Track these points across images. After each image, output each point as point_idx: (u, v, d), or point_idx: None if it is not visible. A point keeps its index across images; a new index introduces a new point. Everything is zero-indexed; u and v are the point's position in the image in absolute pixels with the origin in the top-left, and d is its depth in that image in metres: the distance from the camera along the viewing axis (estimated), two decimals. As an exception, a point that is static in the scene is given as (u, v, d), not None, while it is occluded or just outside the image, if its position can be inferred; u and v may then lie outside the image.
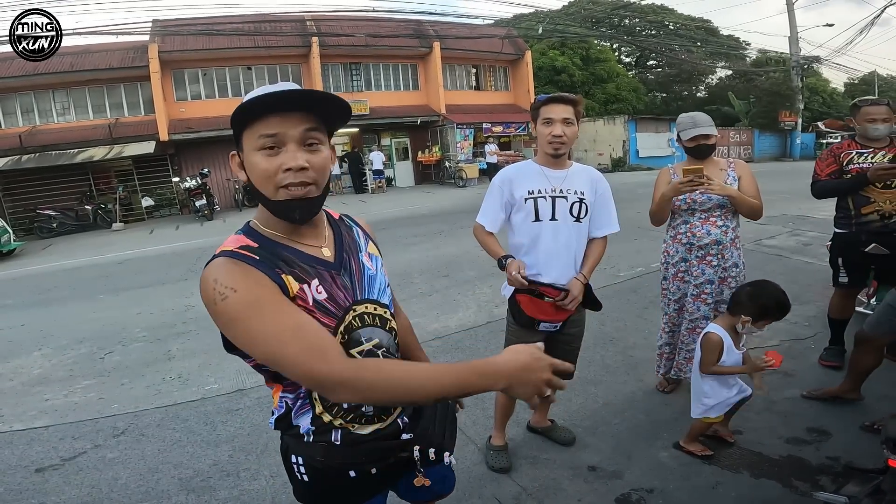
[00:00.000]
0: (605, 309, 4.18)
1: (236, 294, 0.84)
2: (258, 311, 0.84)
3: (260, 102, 0.86)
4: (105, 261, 8.73)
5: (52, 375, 3.83)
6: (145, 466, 2.53)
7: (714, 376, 2.15)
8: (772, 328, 3.56)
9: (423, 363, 1.03)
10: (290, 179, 0.89)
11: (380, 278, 1.09)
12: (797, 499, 1.94)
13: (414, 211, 11.39)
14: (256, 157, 0.90)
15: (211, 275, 0.87)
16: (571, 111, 1.93)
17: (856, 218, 2.80)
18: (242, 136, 0.92)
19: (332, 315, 0.96)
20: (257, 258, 0.90)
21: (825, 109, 27.36)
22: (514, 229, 2.07)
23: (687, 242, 2.55)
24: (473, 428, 2.63)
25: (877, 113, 2.65)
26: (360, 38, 16.66)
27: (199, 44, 15.49)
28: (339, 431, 1.01)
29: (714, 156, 2.55)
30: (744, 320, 2.07)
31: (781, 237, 6.61)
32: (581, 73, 24.94)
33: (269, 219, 0.97)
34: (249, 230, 0.98)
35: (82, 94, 15.31)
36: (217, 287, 0.85)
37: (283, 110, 0.88)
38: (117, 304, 5.77)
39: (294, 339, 0.83)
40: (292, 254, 0.95)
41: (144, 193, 15.14)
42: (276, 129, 0.88)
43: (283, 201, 0.91)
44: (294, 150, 0.89)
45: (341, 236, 1.06)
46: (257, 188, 0.92)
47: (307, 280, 0.94)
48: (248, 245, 0.93)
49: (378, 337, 1.03)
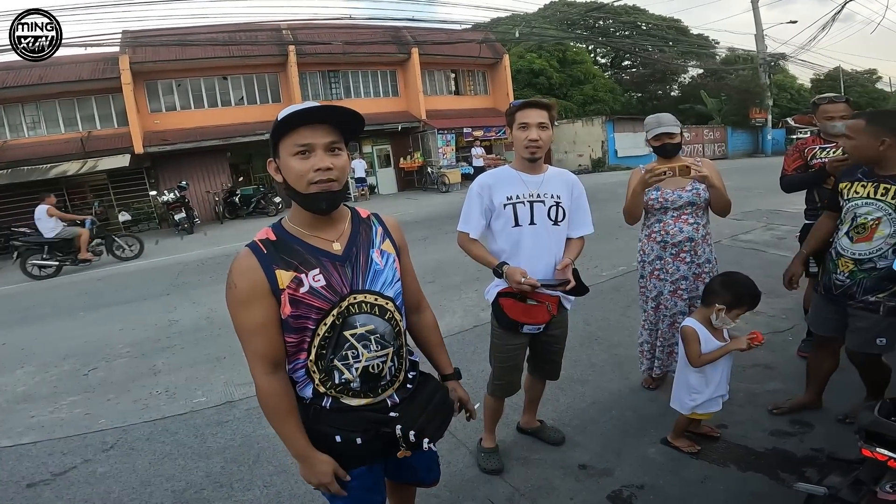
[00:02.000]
0: (590, 308, 4.30)
1: (235, 290, 1.13)
2: (239, 311, 1.14)
3: (292, 118, 1.10)
4: (84, 277, 8.54)
5: (37, 392, 3.80)
6: (137, 480, 2.52)
7: (701, 371, 2.19)
8: (750, 321, 3.68)
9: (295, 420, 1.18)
10: (319, 177, 1.12)
11: (388, 273, 1.25)
12: (784, 491, 1.99)
13: (397, 218, 11.28)
14: (292, 161, 1.12)
15: (233, 265, 1.15)
16: (546, 115, 1.97)
17: (822, 210, 2.88)
18: (279, 145, 1.14)
19: (326, 300, 1.15)
20: (265, 252, 1.14)
21: (793, 105, 28.17)
22: (495, 236, 2.09)
23: (661, 240, 2.63)
24: (464, 431, 2.66)
25: (834, 111, 2.74)
26: (338, 45, 16.63)
27: (173, 54, 15.26)
28: (329, 398, 1.21)
29: (683, 154, 2.61)
30: (718, 308, 2.13)
31: (756, 232, 6.79)
32: (559, 76, 25.26)
33: (298, 215, 1.20)
34: (278, 225, 1.21)
35: (52, 107, 14.96)
36: (229, 279, 1.14)
37: (311, 123, 1.11)
38: (99, 320, 5.67)
39: (251, 340, 1.15)
40: (302, 247, 1.17)
41: (121, 208, 14.79)
42: (308, 140, 1.11)
43: (313, 194, 1.13)
44: (322, 155, 1.12)
45: (358, 233, 1.24)
46: (292, 185, 1.14)
47: (306, 270, 1.15)
48: (267, 238, 1.17)
49: (374, 324, 1.21)
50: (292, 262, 1.14)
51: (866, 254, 2.08)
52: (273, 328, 1.14)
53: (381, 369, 1.21)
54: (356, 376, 1.19)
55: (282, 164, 1.15)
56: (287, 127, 1.11)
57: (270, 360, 1.15)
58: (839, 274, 2.18)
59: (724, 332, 2.22)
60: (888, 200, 2.02)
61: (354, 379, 1.19)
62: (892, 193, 2.02)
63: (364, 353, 1.18)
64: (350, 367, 1.18)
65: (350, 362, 1.18)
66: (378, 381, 1.22)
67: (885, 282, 2.05)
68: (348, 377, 1.19)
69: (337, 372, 1.18)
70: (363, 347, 1.18)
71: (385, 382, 1.24)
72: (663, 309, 2.70)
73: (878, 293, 2.07)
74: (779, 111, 26.35)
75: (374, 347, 1.20)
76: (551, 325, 2.13)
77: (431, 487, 1.51)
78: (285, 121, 1.10)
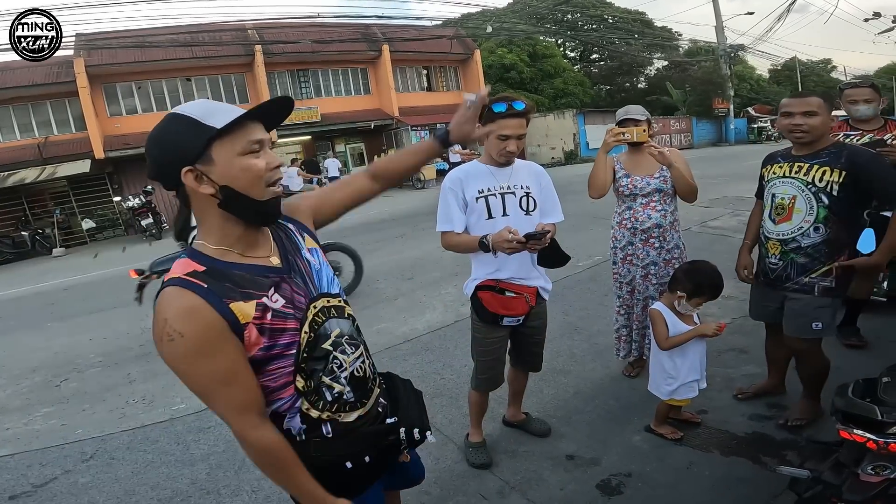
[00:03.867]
0: (568, 298, 4.35)
1: (183, 340, 0.89)
2: (196, 364, 0.92)
3: (249, 114, 0.96)
4: (49, 288, 8.23)
5: (9, 405, 3.70)
6: (121, 489, 2.49)
7: (671, 356, 2.25)
8: (723, 306, 3.79)
9: (303, 467, 1.02)
10: (276, 176, 0.99)
11: (326, 270, 1.14)
12: (768, 474, 2.05)
13: (374, 216, 11.28)
14: (245, 161, 0.95)
15: (162, 312, 0.91)
16: (525, 123, 1.97)
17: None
18: (212, 147, 0.93)
19: (293, 318, 1.01)
20: (205, 286, 0.92)
21: (753, 95, 29.10)
22: (470, 230, 2.08)
23: (631, 227, 2.72)
24: (451, 426, 2.67)
25: (857, 94, 2.72)
26: (306, 44, 16.35)
27: (131, 56, 14.78)
28: (328, 424, 1.07)
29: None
30: (679, 296, 2.20)
31: (724, 218, 7.00)
32: (529, 70, 25.41)
33: (222, 235, 0.99)
34: (195, 253, 0.99)
35: (6, 112, 14.32)
36: (167, 328, 0.89)
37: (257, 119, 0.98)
38: (67, 331, 5.49)
39: (223, 394, 0.95)
40: (243, 270, 0.99)
41: (84, 215, 14.28)
42: (261, 136, 0.97)
43: (269, 200, 0.99)
44: (270, 153, 0.99)
45: (281, 240, 1.10)
46: (243, 192, 0.95)
47: (263, 293, 0.98)
48: (195, 270, 0.94)
49: (340, 327, 1.10)
50: (246, 290, 0.96)
51: (789, 233, 2.14)
52: (246, 371, 0.96)
53: (363, 371, 1.14)
54: (346, 385, 1.09)
55: (222, 169, 0.94)
56: (237, 122, 0.94)
57: (256, 410, 0.98)
58: (771, 258, 2.24)
59: (693, 317, 2.29)
60: (800, 177, 2.10)
61: (346, 389, 1.09)
62: (804, 170, 2.09)
63: (345, 359, 1.09)
64: (338, 378, 1.08)
65: (337, 374, 1.08)
66: (365, 385, 1.14)
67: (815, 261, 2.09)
68: (340, 389, 1.08)
69: (327, 389, 1.06)
70: (342, 354, 1.09)
71: (370, 384, 1.17)
72: (637, 294, 2.79)
73: (810, 273, 2.12)
74: (740, 101, 27.18)
75: (350, 350, 1.11)
76: (530, 316, 2.15)
77: (419, 484, 1.49)
78: (244, 115, 0.95)
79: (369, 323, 4.40)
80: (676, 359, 2.25)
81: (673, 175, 2.56)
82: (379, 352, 3.74)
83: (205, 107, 0.95)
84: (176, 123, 0.94)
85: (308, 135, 17.50)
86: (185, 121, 0.93)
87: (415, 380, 3.49)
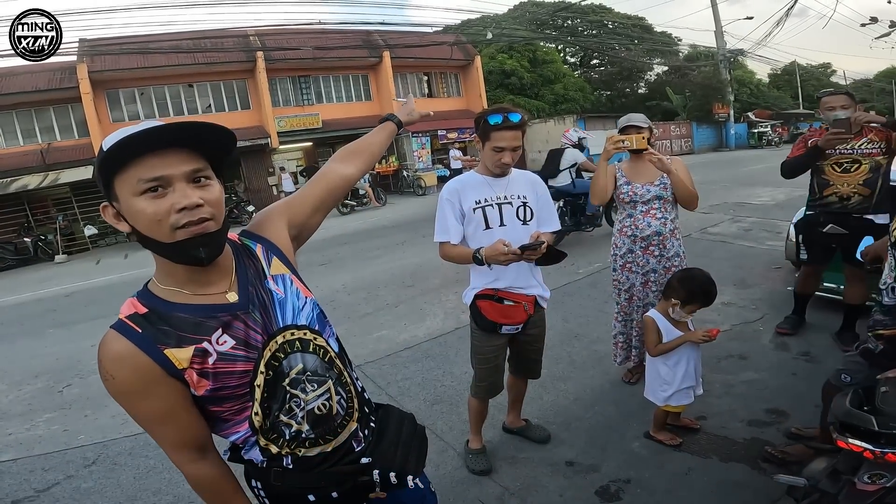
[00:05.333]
0: (568, 305, 4.37)
1: (115, 381, 0.89)
2: (130, 403, 0.92)
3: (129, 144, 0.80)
4: (51, 294, 8.25)
5: (11, 411, 3.72)
6: (123, 495, 2.50)
7: (665, 362, 2.26)
8: (721, 312, 3.81)
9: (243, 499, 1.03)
10: (187, 219, 0.84)
11: (291, 300, 1.04)
12: (767, 480, 2.05)
13: (375, 223, 11.32)
14: (140, 202, 0.83)
15: (100, 353, 0.91)
16: (520, 135, 1.99)
17: (818, 200, 3.03)
18: (114, 183, 0.85)
19: (246, 359, 0.94)
20: (140, 332, 0.89)
21: (753, 100, 29.16)
22: (467, 240, 2.10)
23: (631, 235, 2.74)
24: (451, 433, 2.68)
25: (834, 101, 2.87)
26: (308, 50, 16.43)
27: (134, 62, 14.83)
28: (288, 457, 1.02)
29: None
30: (672, 303, 2.22)
31: (724, 224, 7.02)
32: (530, 76, 25.50)
33: (168, 272, 0.93)
34: (145, 291, 0.95)
35: (9, 118, 14.35)
36: (102, 370, 0.90)
37: (158, 149, 0.83)
38: (69, 337, 5.50)
39: (158, 431, 0.95)
40: (188, 312, 0.92)
41: (86, 222, 14.28)
42: (159, 172, 0.82)
43: (182, 242, 0.85)
44: (184, 188, 0.84)
45: (244, 268, 1.01)
46: (147, 235, 0.86)
47: (205, 337, 0.91)
48: (135, 314, 0.91)
49: (301, 362, 1.01)
50: (183, 334, 0.90)
51: None
52: (183, 412, 0.93)
53: (329, 407, 1.03)
54: (304, 423, 1.01)
55: (124, 208, 0.85)
56: (122, 158, 0.82)
57: (193, 446, 0.97)
58: None
59: (688, 324, 2.30)
60: None
61: (304, 427, 1.01)
62: None
63: (303, 397, 1.00)
64: (295, 416, 1.00)
65: (295, 412, 1.00)
66: (332, 422, 1.04)
67: None
68: (298, 428, 1.00)
69: (285, 427, 0.99)
70: (301, 392, 1.00)
71: (341, 420, 1.06)
72: (636, 300, 2.81)
73: None
74: (740, 106, 27.24)
75: (311, 388, 1.01)
76: (529, 324, 2.17)
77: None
78: (119, 147, 0.80)
79: (369, 330, 4.41)
80: (672, 365, 2.26)
81: (673, 182, 2.59)
82: (380, 359, 3.76)
83: (119, 133, 0.82)
84: (99, 153, 0.85)
85: (309, 141, 17.55)
86: (100, 150, 0.85)
87: (415, 387, 3.50)
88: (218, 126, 0.88)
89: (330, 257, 7.84)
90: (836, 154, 2.90)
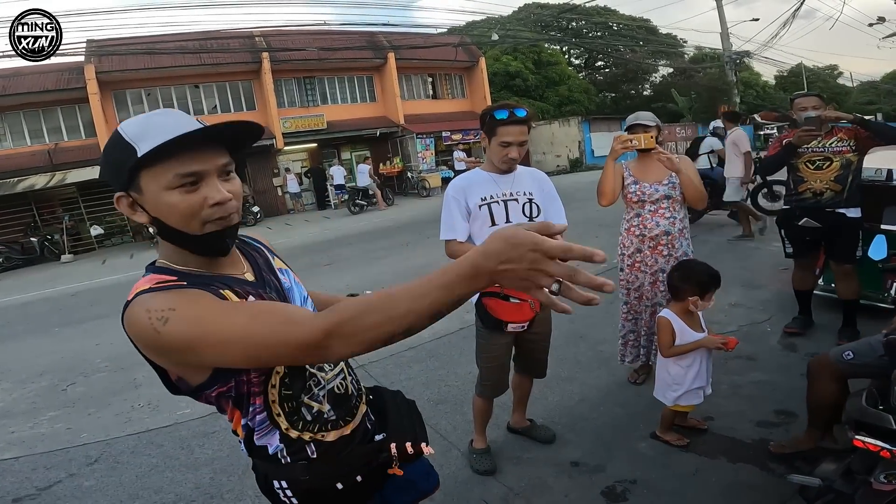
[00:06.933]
0: (573, 306, 4.31)
1: (177, 312, 0.77)
2: (209, 317, 0.78)
3: (173, 144, 0.80)
4: (57, 294, 8.32)
5: (15, 409, 3.74)
6: (125, 493, 2.50)
7: (678, 363, 2.24)
8: (729, 314, 3.77)
9: (397, 287, 0.82)
10: (219, 214, 0.86)
11: (297, 289, 1.08)
12: (776, 481, 2.02)
13: (379, 224, 11.32)
14: (172, 196, 0.84)
15: (138, 310, 0.80)
16: (526, 130, 1.98)
17: (794, 195, 3.16)
18: (140, 175, 0.84)
19: None
20: (185, 284, 0.85)
21: (759, 102, 29.05)
22: (473, 238, 2.10)
23: (639, 234, 2.72)
24: (455, 433, 2.66)
25: (806, 103, 3.02)
26: (313, 51, 16.49)
27: (141, 63, 14.93)
28: (311, 445, 1.02)
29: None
30: (692, 301, 2.19)
31: (731, 225, 6.96)
32: (534, 77, 25.52)
33: (184, 256, 0.92)
34: (160, 268, 0.91)
35: (17, 118, 14.49)
36: (152, 316, 0.78)
37: (197, 148, 0.84)
38: (74, 336, 5.53)
39: (260, 322, 0.77)
40: (220, 280, 0.92)
41: (92, 222, 14.39)
42: (197, 167, 0.83)
43: (211, 234, 0.87)
44: (215, 183, 0.86)
45: (253, 258, 1.05)
46: (175, 227, 0.86)
47: (244, 297, 0.91)
48: (166, 279, 0.86)
49: None
50: (230, 287, 0.91)
51: None
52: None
53: (345, 387, 1.08)
54: (325, 402, 1.03)
55: (150, 200, 0.85)
56: (159, 154, 0.81)
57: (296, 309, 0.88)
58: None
59: (701, 324, 2.27)
60: None
61: (325, 408, 1.03)
62: None
63: (323, 376, 1.03)
64: (316, 396, 1.02)
65: (315, 392, 1.02)
66: (349, 402, 1.08)
67: None
68: (320, 408, 1.02)
69: (306, 408, 1.00)
70: (319, 371, 1.03)
71: (355, 401, 1.11)
72: (645, 300, 2.78)
73: None
74: (746, 108, 27.08)
75: (328, 367, 1.05)
76: (535, 323, 2.14)
77: (434, 494, 1.38)
78: (165, 147, 0.80)
79: (374, 329, 4.40)
80: (683, 365, 2.23)
81: (681, 181, 2.56)
82: (383, 358, 3.74)
83: (145, 124, 0.83)
84: (114, 141, 0.85)
85: (314, 142, 17.60)
86: (119, 141, 0.84)
87: (419, 386, 3.49)
88: (255, 124, 0.89)
89: (334, 258, 7.85)
90: (809, 152, 3.03)
